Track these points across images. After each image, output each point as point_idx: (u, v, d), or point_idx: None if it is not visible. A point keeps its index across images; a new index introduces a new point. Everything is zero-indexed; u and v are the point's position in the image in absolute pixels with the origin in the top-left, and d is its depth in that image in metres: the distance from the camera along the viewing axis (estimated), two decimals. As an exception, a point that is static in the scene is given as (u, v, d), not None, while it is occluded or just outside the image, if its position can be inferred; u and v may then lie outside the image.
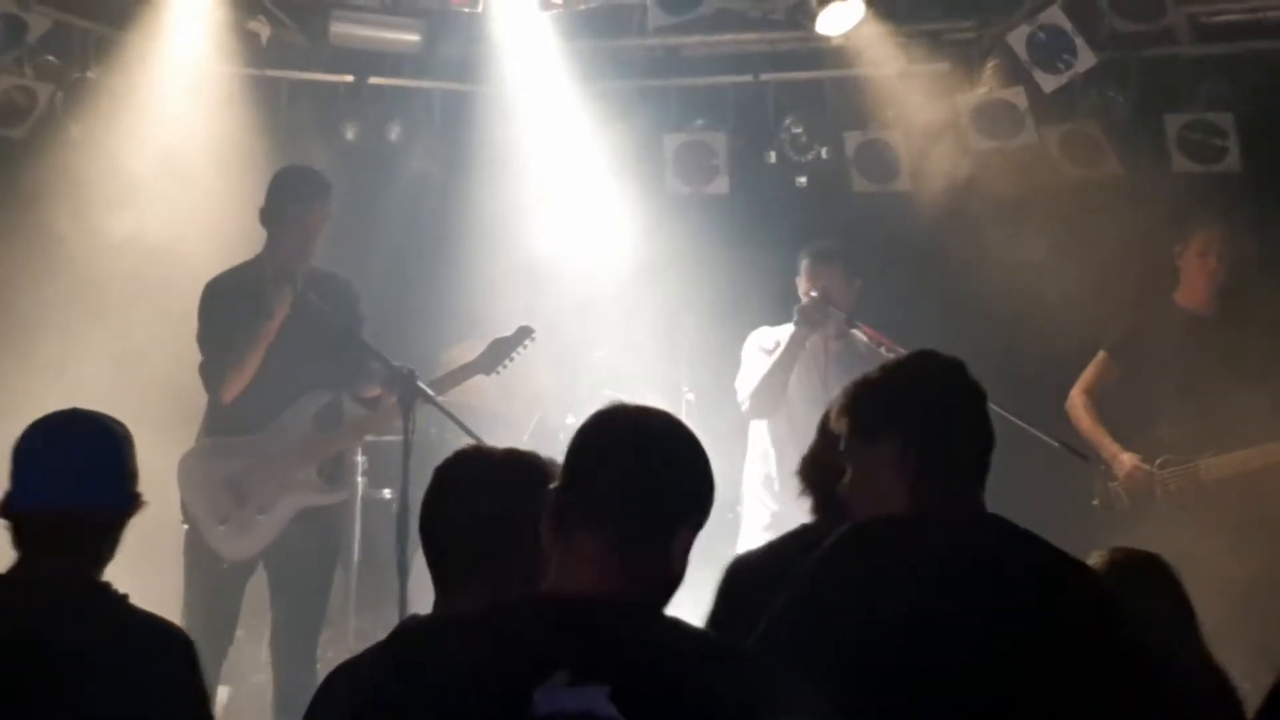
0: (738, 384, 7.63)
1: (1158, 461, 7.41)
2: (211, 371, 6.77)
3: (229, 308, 6.78)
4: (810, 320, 7.50)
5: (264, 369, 6.70)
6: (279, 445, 6.74)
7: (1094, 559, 4.57)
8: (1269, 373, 7.15)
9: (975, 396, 3.59)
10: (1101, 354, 7.74)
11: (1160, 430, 7.34)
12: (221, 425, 6.83)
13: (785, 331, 7.57)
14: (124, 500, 3.66)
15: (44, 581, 3.56)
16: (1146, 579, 4.61)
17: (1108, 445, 7.58)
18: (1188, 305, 7.65)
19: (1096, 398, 7.64)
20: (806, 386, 7.54)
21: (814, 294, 7.50)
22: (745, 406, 7.62)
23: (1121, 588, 4.44)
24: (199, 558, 6.73)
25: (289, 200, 6.81)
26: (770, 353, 7.57)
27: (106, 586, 3.62)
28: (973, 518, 3.43)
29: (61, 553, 3.58)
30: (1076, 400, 7.70)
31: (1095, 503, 7.59)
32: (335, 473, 6.95)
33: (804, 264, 7.63)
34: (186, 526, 6.76)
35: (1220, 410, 7.24)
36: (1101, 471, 7.55)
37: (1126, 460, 7.51)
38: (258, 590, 6.99)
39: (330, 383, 6.87)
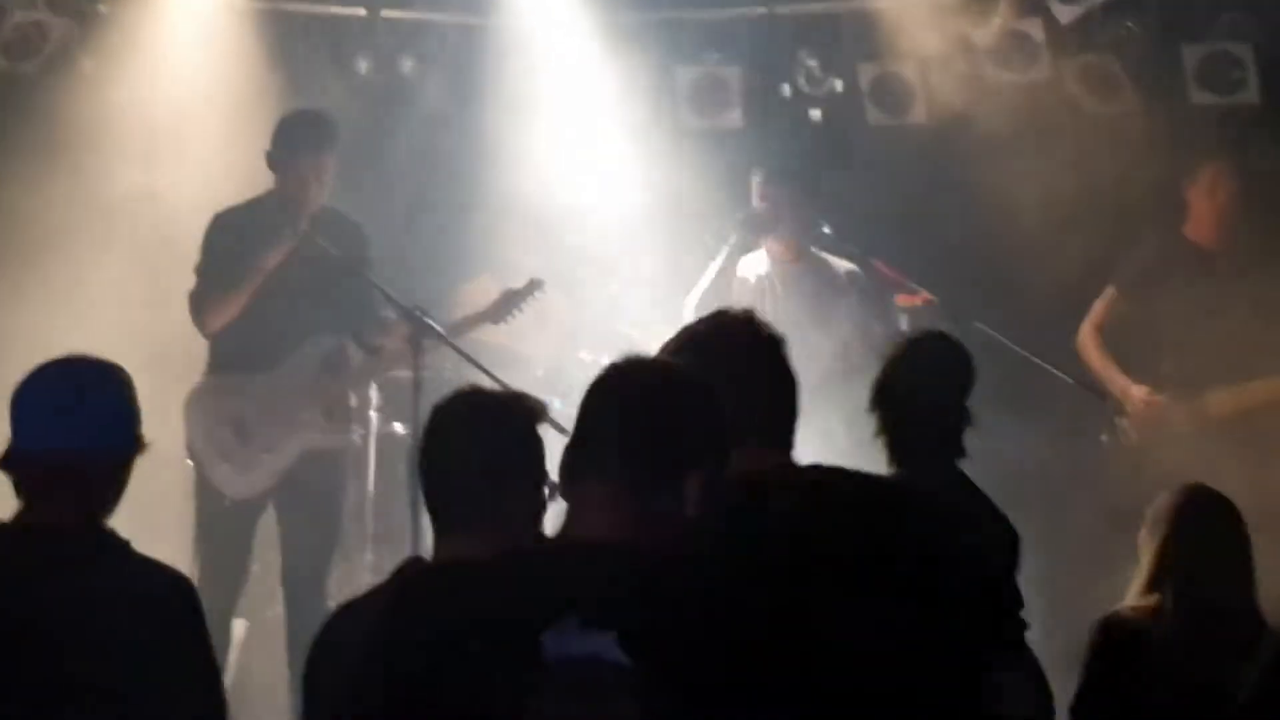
0: (686, 298, 7.62)
1: (1166, 395, 7.39)
2: (198, 300, 6.80)
3: (229, 240, 6.80)
4: (751, 228, 7.48)
5: (270, 309, 6.71)
6: (285, 385, 6.76)
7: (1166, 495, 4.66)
8: (1276, 307, 7.14)
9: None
10: (1110, 289, 7.72)
11: (1169, 365, 7.32)
12: (227, 363, 6.84)
13: (754, 257, 7.57)
14: (126, 443, 3.65)
15: (47, 528, 3.55)
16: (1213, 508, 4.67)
17: (1117, 379, 7.56)
18: (1196, 240, 7.62)
19: (1106, 333, 7.63)
20: (759, 307, 7.52)
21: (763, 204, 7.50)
22: (687, 317, 7.61)
23: (1192, 523, 4.55)
24: (205, 495, 6.76)
25: (292, 145, 6.81)
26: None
27: (110, 533, 3.62)
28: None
29: (64, 499, 3.57)
30: (1086, 336, 7.69)
31: (1103, 438, 7.60)
32: (341, 414, 6.97)
33: (756, 181, 7.61)
34: (191, 464, 6.79)
35: (1229, 344, 7.24)
36: (1110, 406, 7.54)
37: (1135, 394, 7.51)
38: (274, 524, 7.02)
39: (337, 326, 6.88)
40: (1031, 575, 4.35)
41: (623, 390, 2.84)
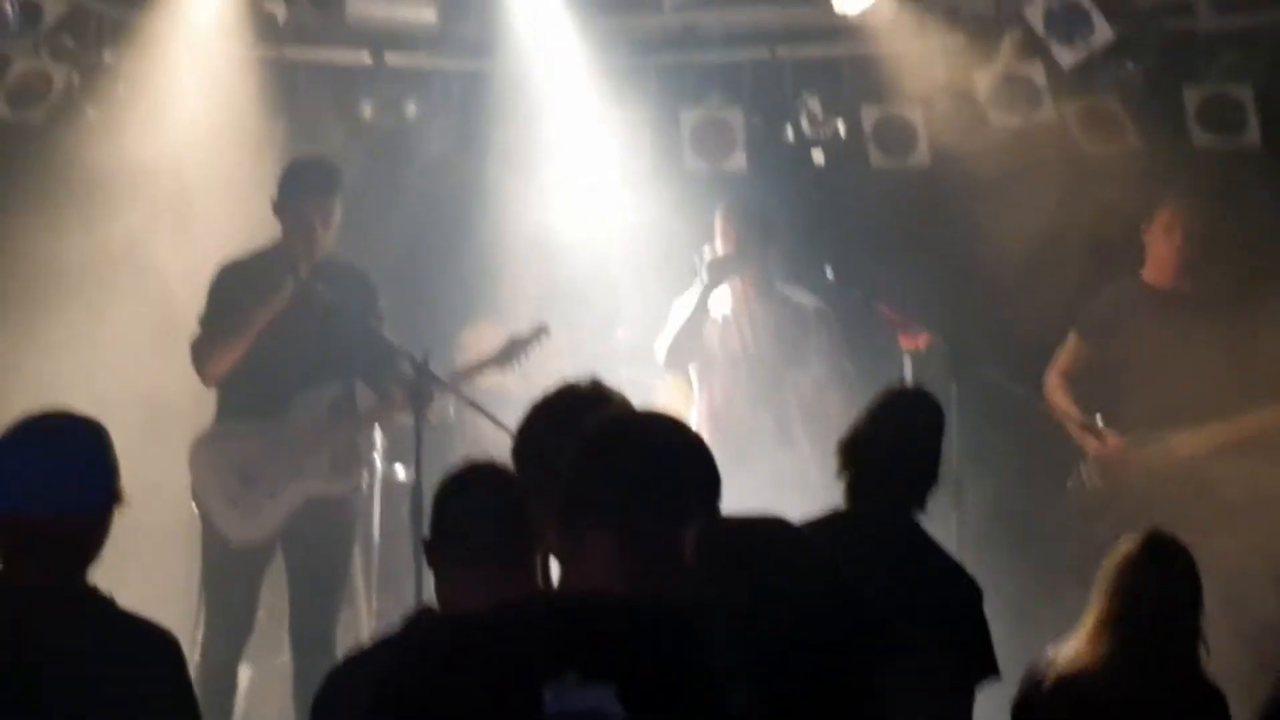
0: (657, 341, 7.65)
1: (1130, 440, 7.41)
2: (199, 348, 6.82)
3: (232, 290, 6.82)
4: (725, 269, 7.51)
5: (278, 356, 6.72)
6: (291, 431, 6.76)
7: (1124, 541, 4.67)
8: (1238, 348, 7.19)
9: None
10: (1073, 335, 7.77)
11: (1131, 409, 7.31)
12: (235, 410, 6.85)
13: (719, 294, 7.65)
14: (105, 499, 3.64)
15: (28, 588, 3.54)
16: (1169, 561, 4.66)
17: (1081, 425, 7.61)
18: (1155, 282, 7.68)
19: (1072, 379, 7.65)
20: (729, 346, 7.58)
21: (720, 249, 7.59)
22: (660, 359, 7.65)
23: (1150, 566, 4.56)
24: (211, 541, 6.77)
25: (295, 193, 6.84)
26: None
27: (93, 589, 3.61)
28: None
29: (45, 558, 3.55)
30: (1052, 382, 7.74)
31: (1070, 484, 7.63)
32: (347, 462, 6.97)
33: (719, 216, 7.64)
34: (197, 511, 6.79)
35: (1190, 387, 7.28)
36: (1078, 451, 7.61)
37: (1097, 440, 7.55)
38: (281, 571, 7.02)
39: (346, 373, 6.89)
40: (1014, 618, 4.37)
41: (621, 440, 2.85)
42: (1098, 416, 7.49)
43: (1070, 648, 4.69)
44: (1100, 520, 7.31)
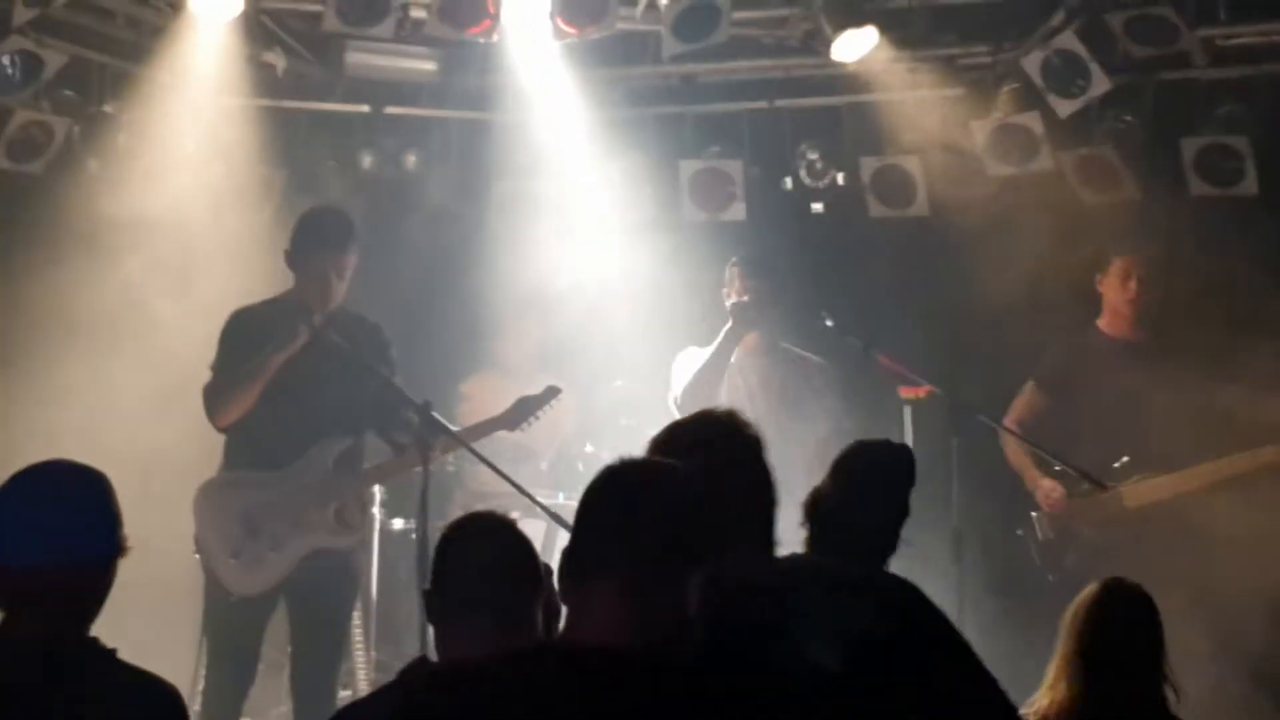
0: (674, 385, 7.60)
1: (1082, 489, 7.42)
2: (211, 394, 6.80)
3: (244, 338, 6.80)
4: (747, 319, 7.50)
5: (287, 406, 6.70)
6: (298, 483, 6.75)
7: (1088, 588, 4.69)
8: (1192, 398, 7.25)
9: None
10: (1030, 385, 7.83)
11: (1086, 459, 7.30)
12: (242, 460, 6.84)
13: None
14: (108, 550, 3.61)
15: (31, 641, 3.50)
16: (1128, 605, 4.72)
17: (1029, 471, 7.68)
18: (1109, 331, 7.78)
19: (1027, 428, 7.65)
20: (734, 399, 7.54)
21: (745, 297, 7.55)
22: (678, 402, 7.57)
23: (1110, 614, 4.60)
24: (213, 591, 6.75)
25: (310, 245, 6.82)
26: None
27: (94, 642, 3.58)
28: None
29: (48, 610, 3.52)
30: (1006, 432, 7.73)
31: (1019, 533, 7.64)
32: (352, 514, 6.94)
33: (735, 270, 7.64)
34: (200, 560, 6.78)
35: (1142, 437, 7.39)
36: (1029, 501, 7.68)
37: (1045, 484, 7.62)
38: (280, 622, 7.00)
39: (354, 425, 6.88)
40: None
41: (625, 491, 2.85)
42: (1124, 458, 7.49)
43: (1040, 695, 4.74)
44: (1057, 569, 7.44)
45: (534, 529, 6.33)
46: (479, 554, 3.67)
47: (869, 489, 4.16)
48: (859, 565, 4.20)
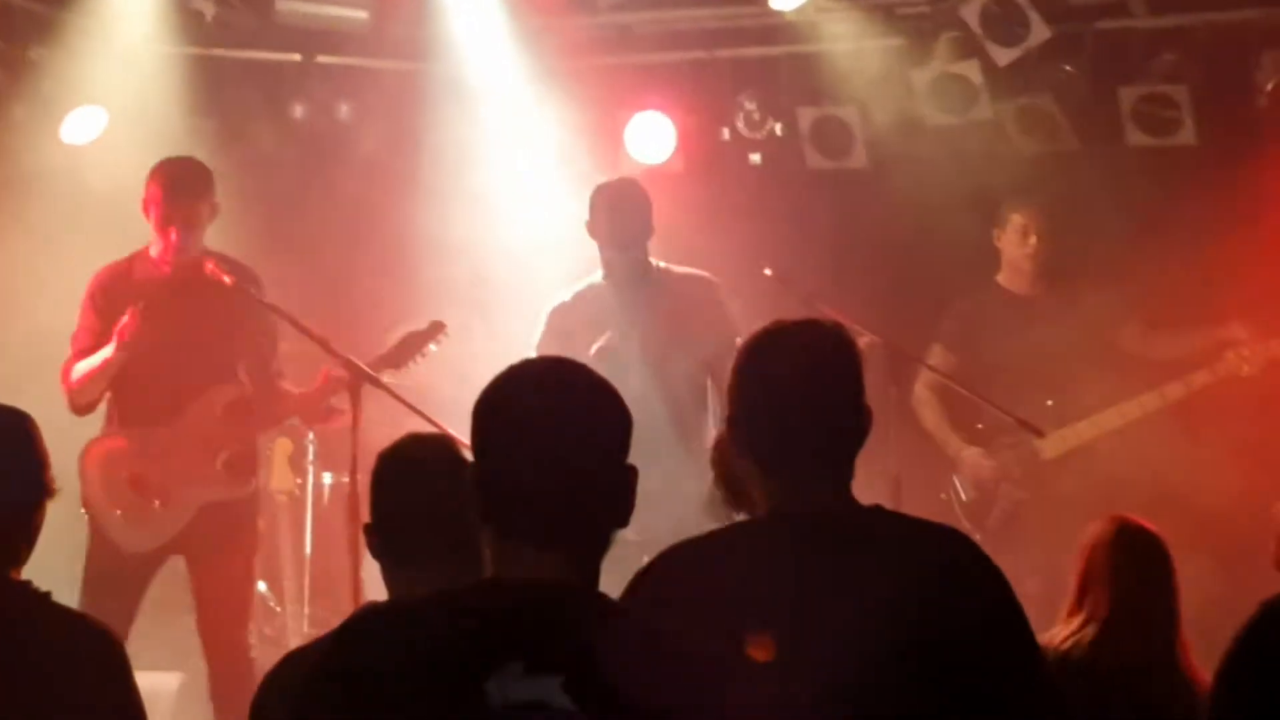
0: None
1: (1001, 443, 7.58)
2: (66, 372, 6.71)
3: (94, 309, 6.72)
4: None
5: (167, 360, 6.60)
6: (185, 437, 6.64)
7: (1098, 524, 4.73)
8: (1095, 347, 7.50)
9: None
10: (936, 347, 7.84)
11: (996, 417, 7.34)
12: (126, 417, 6.74)
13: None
14: (35, 493, 3.56)
15: None
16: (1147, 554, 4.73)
17: (951, 441, 7.76)
18: (1010, 286, 7.84)
19: (940, 390, 7.67)
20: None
21: None
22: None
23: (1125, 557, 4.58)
24: (99, 549, 6.66)
25: (159, 194, 6.71)
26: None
27: (27, 585, 3.53)
28: None
29: None
30: (921, 395, 7.79)
31: (943, 496, 7.69)
32: (242, 465, 6.82)
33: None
34: (87, 515, 6.67)
35: (1051, 389, 7.51)
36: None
37: (968, 457, 7.70)
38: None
39: (235, 354, 6.78)
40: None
41: (533, 420, 2.59)
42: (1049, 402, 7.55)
43: (1058, 632, 4.72)
44: (981, 527, 7.50)
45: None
46: (420, 487, 3.44)
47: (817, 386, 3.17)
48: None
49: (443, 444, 3.58)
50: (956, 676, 2.98)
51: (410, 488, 3.46)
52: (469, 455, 3.44)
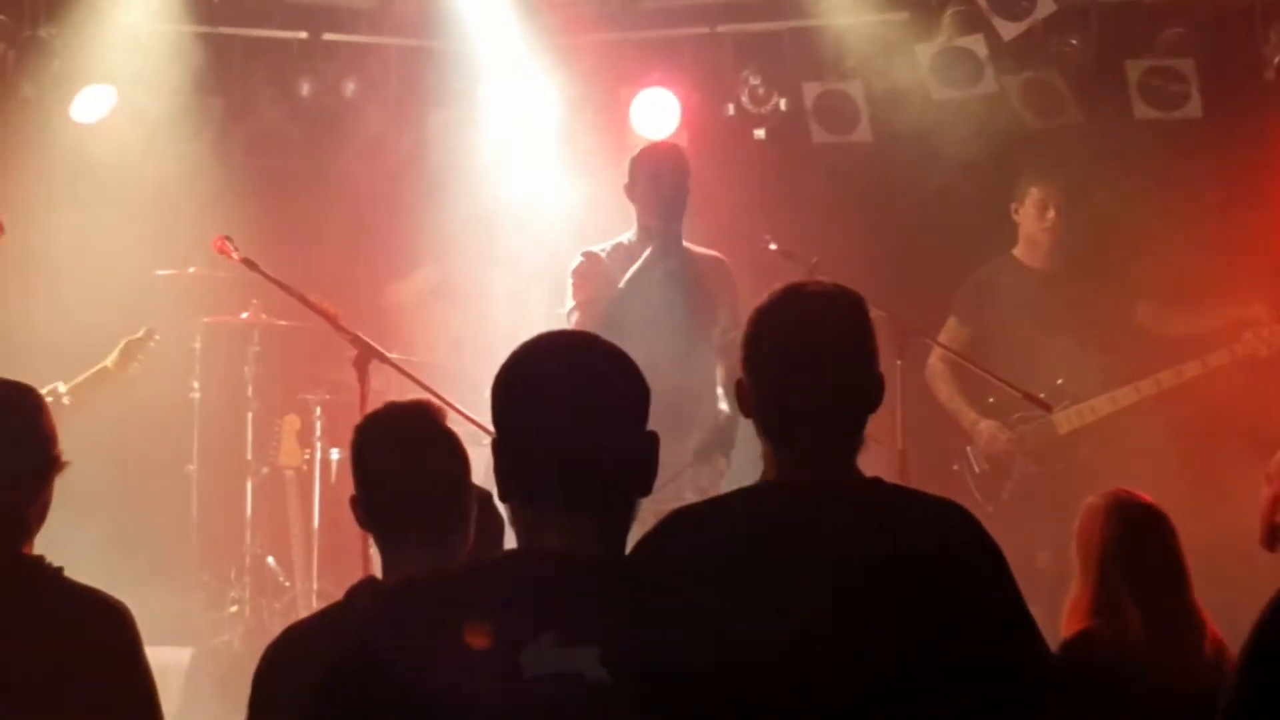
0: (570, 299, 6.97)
1: (1014, 417, 7.58)
2: None
3: None
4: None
5: None
6: None
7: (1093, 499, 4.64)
8: (1111, 322, 7.52)
9: None
10: (951, 320, 7.86)
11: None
12: None
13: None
14: (43, 467, 3.57)
15: None
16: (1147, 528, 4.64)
17: (966, 414, 7.75)
18: (1027, 261, 7.84)
19: (953, 363, 7.67)
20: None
21: None
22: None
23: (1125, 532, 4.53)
24: None
25: None
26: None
27: (39, 560, 3.54)
28: None
29: None
30: (935, 367, 7.79)
31: (955, 468, 7.70)
32: None
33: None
34: None
35: (1068, 364, 7.50)
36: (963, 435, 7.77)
37: (984, 429, 7.69)
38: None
39: None
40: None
41: (576, 411, 2.60)
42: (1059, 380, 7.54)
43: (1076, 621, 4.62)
44: (995, 500, 7.57)
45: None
46: (398, 455, 3.42)
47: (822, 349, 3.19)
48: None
49: (419, 410, 3.55)
50: (948, 643, 3.02)
51: (387, 456, 3.44)
52: (451, 424, 3.52)
